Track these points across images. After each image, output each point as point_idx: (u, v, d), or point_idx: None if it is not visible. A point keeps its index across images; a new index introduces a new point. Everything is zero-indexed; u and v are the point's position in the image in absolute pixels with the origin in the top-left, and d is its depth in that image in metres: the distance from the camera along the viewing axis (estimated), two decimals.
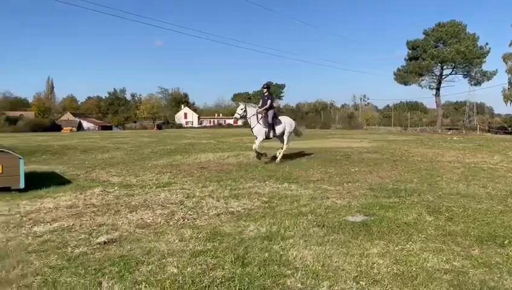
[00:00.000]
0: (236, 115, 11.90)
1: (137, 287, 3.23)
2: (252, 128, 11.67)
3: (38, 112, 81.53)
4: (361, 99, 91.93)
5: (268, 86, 11.90)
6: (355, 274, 3.47)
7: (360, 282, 3.32)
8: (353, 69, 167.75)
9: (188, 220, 5.36)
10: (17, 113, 68.85)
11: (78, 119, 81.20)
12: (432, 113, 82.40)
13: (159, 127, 77.09)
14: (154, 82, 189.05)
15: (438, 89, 59.91)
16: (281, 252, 4.00)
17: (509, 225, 4.89)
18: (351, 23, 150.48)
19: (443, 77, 59.36)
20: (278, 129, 11.87)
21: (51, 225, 5.17)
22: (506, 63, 49.31)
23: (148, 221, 5.29)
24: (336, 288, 3.23)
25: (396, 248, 4.14)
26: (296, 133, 13.18)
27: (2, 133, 49.97)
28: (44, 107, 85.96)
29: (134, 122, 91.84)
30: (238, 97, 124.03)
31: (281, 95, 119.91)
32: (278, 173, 9.66)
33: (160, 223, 5.22)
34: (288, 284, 3.30)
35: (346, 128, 68.69)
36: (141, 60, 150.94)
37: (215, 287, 3.21)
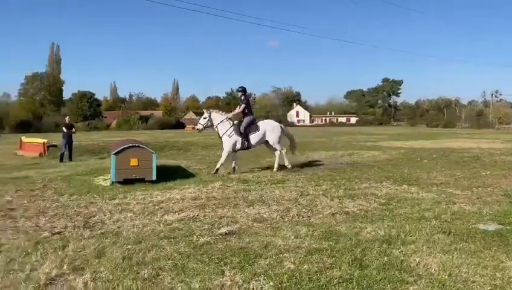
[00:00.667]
0: (198, 126, 10.65)
1: (257, 278, 3.36)
2: (221, 138, 10.05)
3: (165, 111, 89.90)
4: (492, 95, 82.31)
5: (243, 89, 10.24)
6: (489, 288, 3.14)
7: None
8: (483, 63, 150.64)
9: (303, 217, 5.41)
10: (148, 113, 76.92)
11: (199, 118, 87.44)
12: None
13: None
14: (268, 81, 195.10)
15: None
16: (402, 258, 3.80)
17: None
18: (478, 13, 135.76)
19: None
20: (254, 138, 9.93)
21: (178, 214, 5.66)
22: None
23: (265, 216, 5.47)
24: None
25: None
26: (289, 138, 10.85)
27: (136, 130, 56.37)
28: (171, 107, 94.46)
29: None
30: (351, 95, 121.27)
31: (398, 92, 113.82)
32: (396, 174, 9.19)
33: (276, 218, 5.35)
34: None
35: (474, 128, 62.28)
36: (257, 60, 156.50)
37: (333, 287, 3.19)
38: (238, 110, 10.20)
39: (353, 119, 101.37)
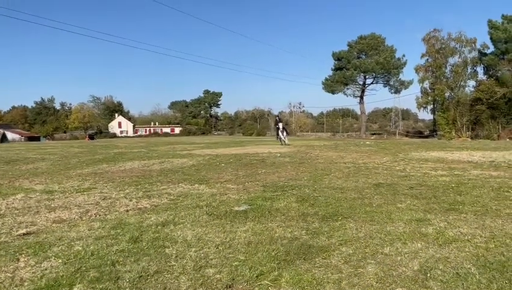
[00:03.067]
0: None
1: (48, 260, 4.24)
2: None
3: None
4: (294, 106, 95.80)
5: None
6: (219, 243, 4.73)
7: (219, 247, 4.57)
8: (291, 79, 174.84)
9: (100, 215, 6.35)
10: None
11: (2, 130, 76.66)
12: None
13: (91, 137, 75.06)
14: (86, 91, 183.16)
15: (361, 97, 64.60)
16: (169, 233, 5.17)
17: (351, 207, 6.46)
18: (288, 34, 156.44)
19: (366, 85, 64.20)
20: None
21: None
22: (418, 74, 54.43)
23: (64, 218, 6.22)
24: (201, 252, 4.45)
25: (260, 226, 5.47)
26: None
27: None
28: None
29: (64, 132, 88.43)
30: (175, 105, 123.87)
31: (219, 103, 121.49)
32: (194, 176, 10.82)
33: (74, 218, 6.16)
34: (167, 252, 4.48)
35: None
36: (71, 68, 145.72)
37: (110, 256, 4.31)
38: None
39: (177, 129, 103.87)
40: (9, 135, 76.42)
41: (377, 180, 9.30)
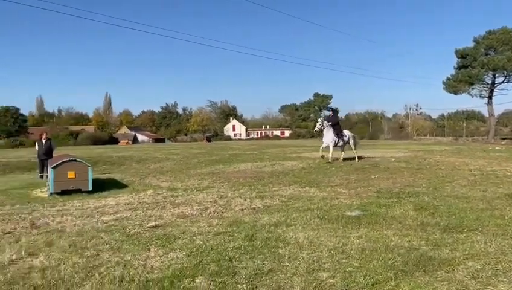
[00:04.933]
0: None
1: (174, 251, 4.64)
2: None
3: (98, 126, 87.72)
4: (410, 108, 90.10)
5: None
6: (331, 247, 4.68)
7: (332, 252, 4.52)
8: (407, 80, 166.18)
9: (217, 213, 6.76)
10: (78, 128, 74.58)
11: (134, 133, 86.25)
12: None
13: (209, 139, 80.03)
14: (204, 96, 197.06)
15: (489, 97, 57.97)
16: (281, 234, 5.28)
17: (478, 218, 5.84)
18: (402, 33, 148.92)
19: (495, 85, 57.47)
20: None
21: (113, 215, 6.76)
22: None
23: (187, 213, 6.75)
24: (313, 255, 4.45)
25: (374, 233, 5.27)
26: None
27: (66, 146, 54.54)
28: (103, 122, 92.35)
29: (185, 134, 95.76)
30: (285, 109, 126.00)
31: (329, 105, 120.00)
32: (304, 179, 10.87)
33: (195, 214, 6.65)
34: (280, 252, 4.57)
35: (395, 139, 67.68)
36: (192, 74, 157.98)
37: (227, 252, 4.55)
38: None
39: (287, 132, 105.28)
40: (140, 137, 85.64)
41: (510, 190, 8.27)
